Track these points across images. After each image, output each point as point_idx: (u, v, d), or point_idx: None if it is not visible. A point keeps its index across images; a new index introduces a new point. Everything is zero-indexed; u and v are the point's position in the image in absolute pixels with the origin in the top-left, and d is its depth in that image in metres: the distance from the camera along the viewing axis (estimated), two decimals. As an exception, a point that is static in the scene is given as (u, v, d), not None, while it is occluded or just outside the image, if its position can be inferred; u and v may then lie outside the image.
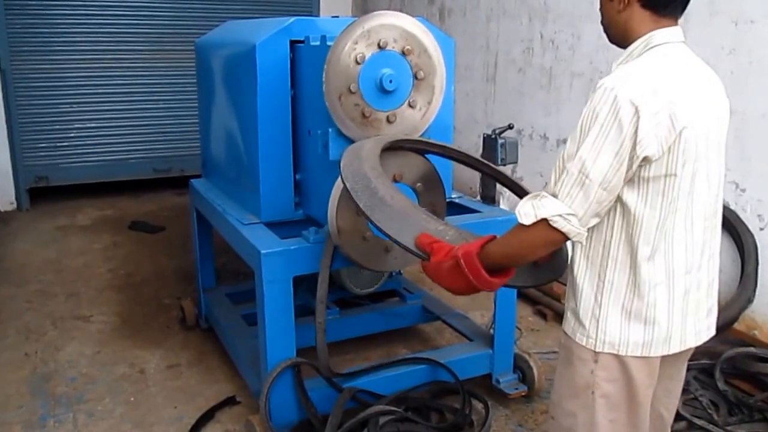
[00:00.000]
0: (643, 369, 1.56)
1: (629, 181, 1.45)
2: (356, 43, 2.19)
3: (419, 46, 2.29)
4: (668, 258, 1.50)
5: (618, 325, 1.53)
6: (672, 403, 1.79)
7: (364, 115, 2.26)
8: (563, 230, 1.42)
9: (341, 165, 1.95)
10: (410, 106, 2.33)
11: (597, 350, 1.55)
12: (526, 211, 1.44)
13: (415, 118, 2.36)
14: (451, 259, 1.55)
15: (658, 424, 1.76)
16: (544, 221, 1.42)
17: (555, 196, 1.43)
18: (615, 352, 1.54)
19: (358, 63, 2.20)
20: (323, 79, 2.23)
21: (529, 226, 1.44)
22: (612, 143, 1.38)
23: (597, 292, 1.54)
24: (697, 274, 1.56)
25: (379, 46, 2.22)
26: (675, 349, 1.56)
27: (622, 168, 1.40)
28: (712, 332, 1.66)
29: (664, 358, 1.58)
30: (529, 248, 1.49)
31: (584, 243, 1.54)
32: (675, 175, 1.44)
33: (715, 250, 1.61)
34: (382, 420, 2.46)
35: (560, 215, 1.41)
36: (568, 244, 1.76)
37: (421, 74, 2.32)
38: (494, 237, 1.56)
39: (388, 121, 2.31)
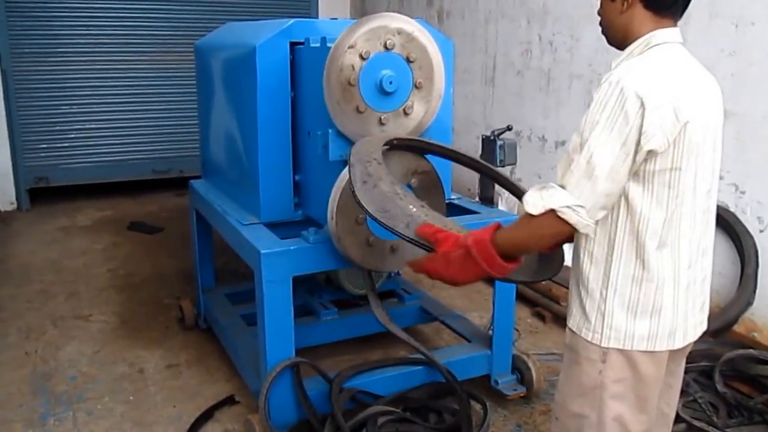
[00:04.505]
0: (650, 364, 1.57)
1: (635, 176, 1.47)
2: (357, 44, 2.20)
3: (419, 48, 2.30)
4: (675, 253, 1.52)
5: (624, 320, 1.54)
6: (673, 398, 1.80)
7: (363, 116, 2.27)
8: (571, 222, 1.43)
9: (349, 159, 1.93)
10: (409, 107, 2.34)
11: (603, 345, 1.55)
12: (534, 202, 1.45)
13: (414, 119, 2.37)
14: (461, 248, 1.56)
15: (660, 419, 1.77)
16: (552, 212, 1.43)
17: (563, 187, 1.45)
18: (620, 347, 1.54)
19: (358, 63, 2.21)
20: (323, 80, 2.24)
21: (536, 216, 1.45)
22: (619, 134, 1.40)
23: (602, 288, 1.55)
24: (694, 269, 1.58)
25: (380, 48, 2.23)
26: (679, 344, 1.58)
27: (629, 159, 1.42)
28: (704, 327, 1.68)
29: (668, 354, 1.60)
30: (537, 238, 1.50)
31: (591, 237, 1.55)
32: (680, 168, 1.46)
33: (709, 246, 1.63)
34: (380, 420, 2.47)
35: (568, 206, 1.42)
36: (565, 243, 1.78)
37: (420, 76, 2.32)
38: (500, 225, 1.58)
39: (387, 122, 2.31)
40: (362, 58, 2.21)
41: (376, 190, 1.75)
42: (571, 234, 1.48)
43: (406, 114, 2.34)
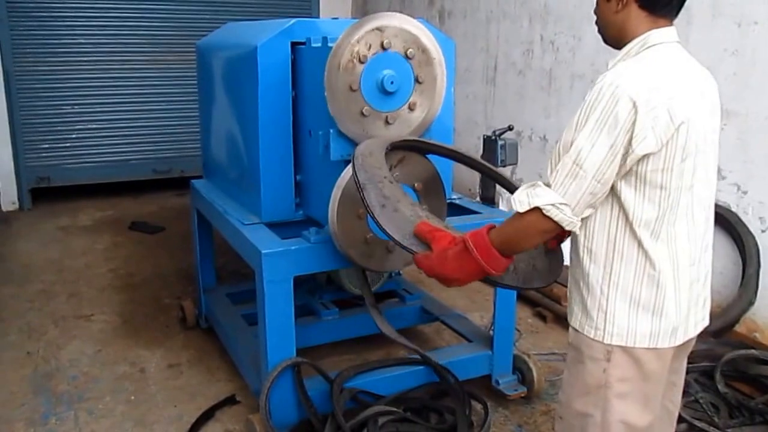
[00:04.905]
0: (655, 361, 1.57)
1: (626, 176, 1.47)
2: (358, 43, 2.20)
3: (421, 48, 2.30)
4: (672, 251, 1.52)
5: (626, 317, 1.54)
6: (676, 395, 1.80)
7: (364, 116, 2.27)
8: (555, 219, 1.44)
9: (353, 163, 1.94)
10: (411, 107, 2.34)
11: (606, 342, 1.56)
12: (521, 199, 1.48)
13: (415, 120, 2.37)
14: (458, 244, 1.57)
15: (665, 417, 1.78)
16: (537, 210, 1.45)
17: (549, 185, 1.46)
18: (623, 344, 1.55)
19: (360, 63, 2.21)
20: (325, 80, 2.24)
21: (523, 214, 1.47)
22: (607, 136, 1.41)
23: (603, 284, 1.55)
24: (697, 266, 1.59)
25: (381, 47, 2.23)
26: (680, 340, 1.59)
27: (616, 161, 1.43)
28: (707, 322, 1.69)
29: (672, 351, 1.60)
30: (525, 236, 1.52)
31: (588, 236, 1.56)
32: (672, 169, 1.47)
33: (710, 242, 1.64)
34: (381, 420, 2.47)
35: (552, 204, 1.44)
36: (565, 242, 1.78)
37: (422, 76, 2.32)
38: (493, 226, 1.59)
39: (389, 121, 2.31)
40: (361, 62, 2.21)
41: (397, 214, 1.75)
42: (557, 231, 1.49)
43: (411, 110, 2.34)
